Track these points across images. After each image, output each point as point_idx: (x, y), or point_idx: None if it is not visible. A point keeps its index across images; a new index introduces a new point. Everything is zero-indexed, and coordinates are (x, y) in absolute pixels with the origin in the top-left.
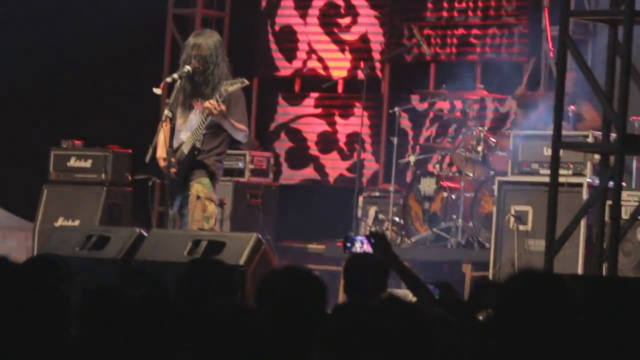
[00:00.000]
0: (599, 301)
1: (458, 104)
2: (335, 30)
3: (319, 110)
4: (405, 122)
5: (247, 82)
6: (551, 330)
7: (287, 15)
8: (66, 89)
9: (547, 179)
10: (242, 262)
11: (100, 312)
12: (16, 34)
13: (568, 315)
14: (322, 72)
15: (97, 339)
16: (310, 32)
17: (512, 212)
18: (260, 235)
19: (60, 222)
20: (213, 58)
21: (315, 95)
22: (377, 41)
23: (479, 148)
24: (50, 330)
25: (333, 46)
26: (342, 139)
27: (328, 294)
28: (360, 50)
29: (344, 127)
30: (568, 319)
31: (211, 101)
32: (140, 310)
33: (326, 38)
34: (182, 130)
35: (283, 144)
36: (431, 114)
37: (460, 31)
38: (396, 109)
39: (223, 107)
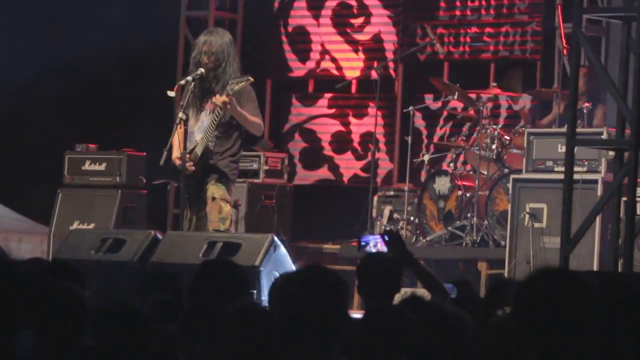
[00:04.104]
0: (615, 297)
1: (471, 106)
2: (348, 30)
3: (332, 111)
4: (419, 122)
5: (252, 78)
6: (570, 327)
7: (299, 16)
8: (80, 93)
9: (561, 176)
10: (257, 262)
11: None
12: (31, 38)
13: (587, 312)
14: (335, 72)
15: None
16: (323, 32)
17: (527, 209)
18: (275, 236)
19: (75, 225)
20: (224, 55)
21: (328, 95)
22: (390, 41)
23: (493, 146)
24: (67, 331)
25: (346, 46)
26: (356, 139)
27: (349, 294)
28: (373, 50)
29: (358, 127)
30: (587, 316)
31: (219, 96)
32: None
33: (339, 38)
34: (195, 131)
35: (297, 145)
36: (445, 113)
37: (474, 30)
38: (410, 108)
39: (234, 102)
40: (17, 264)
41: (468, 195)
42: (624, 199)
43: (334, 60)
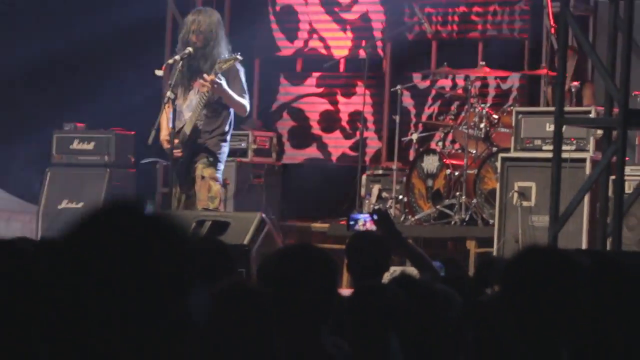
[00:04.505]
0: (604, 276)
1: (460, 82)
2: (336, 9)
3: (321, 90)
4: (407, 100)
5: (240, 57)
6: (558, 305)
7: None
8: (68, 72)
9: (550, 155)
10: (246, 241)
11: None
12: (20, 19)
13: (575, 290)
14: (323, 51)
15: None
16: (311, 11)
17: (516, 188)
18: (264, 215)
19: (64, 204)
20: (213, 34)
21: (317, 74)
22: (378, 20)
23: (482, 125)
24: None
25: (334, 25)
26: (344, 117)
27: (339, 273)
28: (361, 29)
29: (346, 106)
30: (575, 294)
31: (206, 76)
32: None
33: (327, 17)
34: (183, 110)
35: (285, 124)
36: (433, 92)
37: (462, 9)
38: (398, 87)
39: (222, 81)
40: (5, 243)
41: (456, 174)
42: (613, 177)
43: (322, 39)
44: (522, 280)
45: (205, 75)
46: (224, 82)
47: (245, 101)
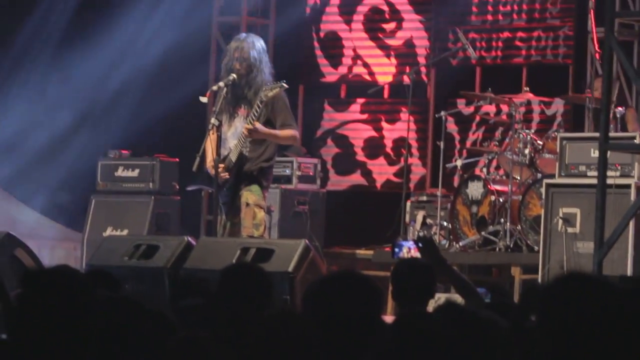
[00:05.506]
0: None
1: (504, 107)
2: (380, 35)
3: (365, 116)
4: (451, 126)
5: (286, 85)
6: (594, 333)
7: (331, 21)
8: (113, 99)
9: (594, 181)
10: (290, 268)
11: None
12: (66, 46)
13: (612, 318)
14: (367, 77)
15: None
16: (355, 37)
17: (560, 214)
18: (308, 242)
19: (108, 232)
20: (256, 61)
21: (361, 100)
22: (422, 46)
23: (526, 151)
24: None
25: (378, 51)
26: (388, 144)
27: (383, 300)
28: (405, 55)
29: (391, 132)
30: (612, 321)
31: (247, 126)
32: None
33: (371, 43)
34: (228, 137)
35: (330, 150)
36: (477, 118)
37: (506, 34)
38: (442, 113)
39: (258, 126)
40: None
41: (501, 200)
42: None
43: (366, 65)
44: (556, 307)
45: (246, 126)
46: (261, 127)
47: (292, 131)
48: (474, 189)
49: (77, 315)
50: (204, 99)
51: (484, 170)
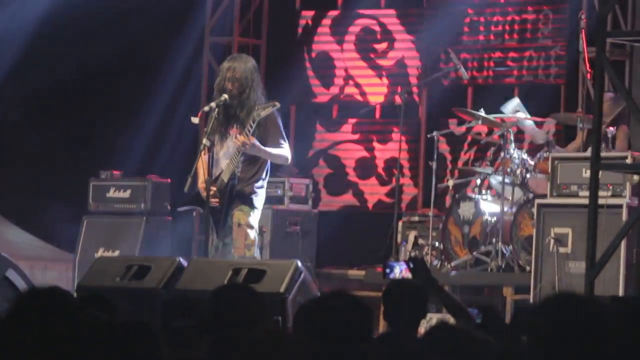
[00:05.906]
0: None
1: (496, 128)
2: (372, 55)
3: (356, 136)
4: (443, 147)
5: (278, 104)
6: (586, 353)
7: (323, 41)
8: (104, 120)
9: (586, 201)
10: (282, 289)
11: None
12: (54, 63)
13: (600, 338)
14: (359, 97)
15: None
16: (346, 58)
17: (552, 234)
18: (300, 262)
19: (100, 252)
20: (248, 81)
21: (352, 121)
22: (413, 66)
23: (518, 171)
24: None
25: (370, 72)
26: (380, 164)
27: (374, 320)
28: (397, 75)
29: (382, 153)
30: (601, 342)
31: (241, 137)
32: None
33: (363, 64)
34: (220, 158)
35: (321, 171)
36: (469, 138)
37: (497, 54)
38: (434, 133)
39: (254, 141)
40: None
41: (493, 220)
42: None
43: (357, 85)
44: (547, 328)
45: (237, 137)
46: (256, 142)
47: (283, 150)
48: (466, 209)
49: (64, 337)
50: (195, 120)
51: (476, 190)
